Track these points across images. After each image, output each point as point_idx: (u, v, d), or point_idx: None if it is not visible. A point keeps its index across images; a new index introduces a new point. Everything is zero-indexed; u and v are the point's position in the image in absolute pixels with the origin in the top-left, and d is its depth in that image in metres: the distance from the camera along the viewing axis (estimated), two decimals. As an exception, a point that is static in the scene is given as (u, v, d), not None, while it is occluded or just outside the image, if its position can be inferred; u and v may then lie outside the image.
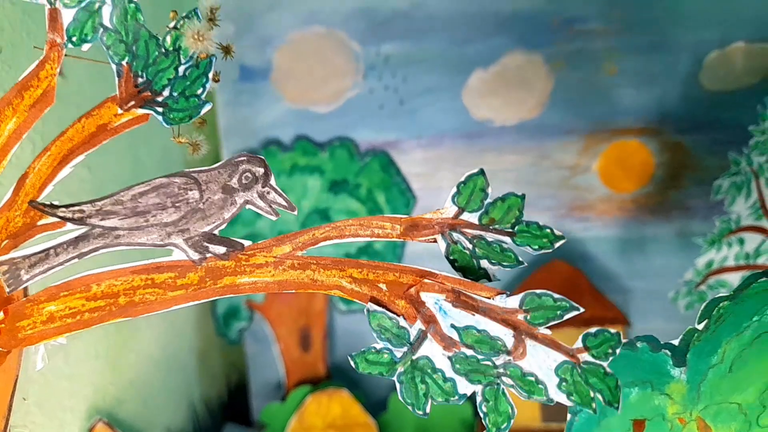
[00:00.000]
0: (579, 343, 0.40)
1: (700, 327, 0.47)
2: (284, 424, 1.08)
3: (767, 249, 0.90)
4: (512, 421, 0.41)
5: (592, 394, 0.40)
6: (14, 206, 0.44)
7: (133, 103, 0.42)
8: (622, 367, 0.47)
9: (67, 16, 0.41)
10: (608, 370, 0.40)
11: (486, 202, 0.42)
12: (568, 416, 0.50)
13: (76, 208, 0.42)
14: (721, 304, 0.47)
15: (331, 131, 1.13)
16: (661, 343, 0.48)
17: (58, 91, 0.43)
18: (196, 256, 0.43)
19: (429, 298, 0.42)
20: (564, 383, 0.40)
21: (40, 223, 0.44)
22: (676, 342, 0.48)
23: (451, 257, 0.43)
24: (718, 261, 0.97)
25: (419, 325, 0.42)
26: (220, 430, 1.18)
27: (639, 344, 0.48)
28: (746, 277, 0.47)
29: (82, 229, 0.43)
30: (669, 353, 0.48)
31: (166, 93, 0.42)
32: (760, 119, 0.89)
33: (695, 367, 0.48)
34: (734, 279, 0.95)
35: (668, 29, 1.02)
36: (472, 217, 0.42)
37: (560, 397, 0.41)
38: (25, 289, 0.47)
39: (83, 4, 0.40)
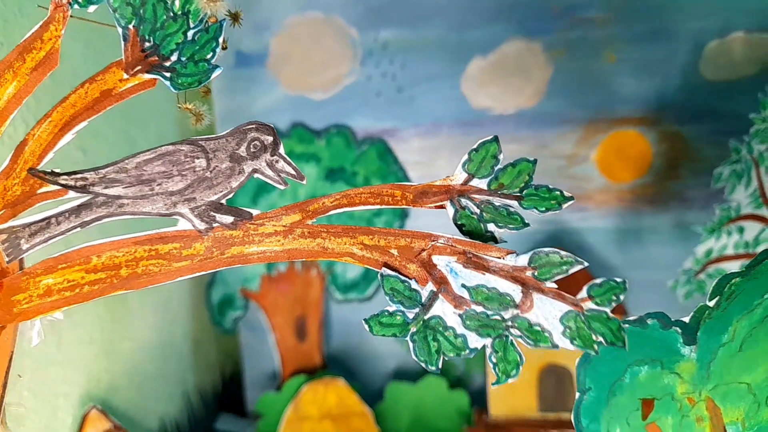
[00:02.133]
0: (583, 294, 0.43)
1: (711, 304, 0.47)
2: (279, 413, 1.07)
3: (767, 237, 0.90)
4: (521, 368, 0.43)
5: (594, 337, 0.42)
6: (12, 174, 0.42)
7: (139, 68, 0.41)
8: (632, 344, 0.47)
9: (74, -25, 0.40)
10: (611, 314, 0.42)
11: (496, 169, 0.43)
12: (576, 396, 0.49)
13: (79, 175, 0.41)
14: (732, 281, 0.46)
15: (328, 118, 1.12)
16: (672, 320, 0.47)
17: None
18: (202, 226, 0.42)
19: (440, 261, 0.43)
20: (568, 330, 0.43)
21: (40, 191, 0.42)
22: (686, 319, 0.47)
23: (459, 222, 0.44)
24: (717, 250, 0.97)
25: (431, 286, 0.43)
26: (215, 420, 1.16)
27: (649, 321, 0.47)
28: (759, 254, 0.46)
29: (85, 198, 0.42)
30: (679, 331, 0.47)
31: (174, 58, 0.41)
32: (760, 107, 0.89)
33: (705, 345, 0.47)
34: (734, 268, 0.95)
35: (668, 18, 1.02)
36: (481, 183, 0.44)
37: (564, 343, 0.43)
38: (21, 262, 0.46)
39: (90, -37, 0.39)
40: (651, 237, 1.07)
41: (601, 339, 0.42)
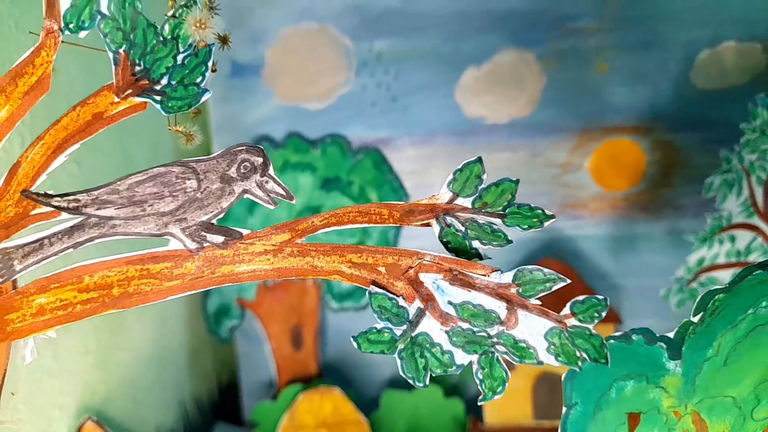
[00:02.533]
0: (567, 310, 0.44)
1: (696, 320, 0.47)
2: (275, 422, 1.07)
3: (758, 246, 0.91)
4: (506, 384, 0.44)
5: (578, 354, 0.43)
6: (6, 196, 0.43)
7: (130, 91, 0.42)
8: (618, 360, 0.47)
9: (65, 2, 0.40)
10: (593, 331, 0.43)
11: (480, 188, 0.44)
12: (563, 410, 0.50)
13: (72, 197, 0.41)
14: (716, 297, 0.47)
15: (323, 128, 1.13)
16: (657, 335, 0.48)
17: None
18: (193, 246, 0.43)
19: (427, 278, 0.44)
20: (552, 346, 0.44)
21: (33, 212, 0.43)
22: (671, 335, 0.48)
23: (445, 239, 0.45)
24: (709, 258, 0.98)
25: (418, 303, 0.44)
26: (211, 429, 1.17)
27: (634, 337, 0.48)
28: (742, 270, 0.47)
29: (77, 219, 0.42)
30: (664, 346, 0.48)
31: (164, 81, 0.42)
32: (750, 117, 0.90)
33: (690, 360, 0.48)
34: (725, 276, 0.95)
35: (660, 28, 1.02)
36: (465, 202, 0.45)
37: (549, 359, 0.44)
38: (14, 281, 0.46)
39: (81, -10, 0.40)
40: (644, 245, 1.08)
41: (584, 355, 0.43)
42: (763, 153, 0.90)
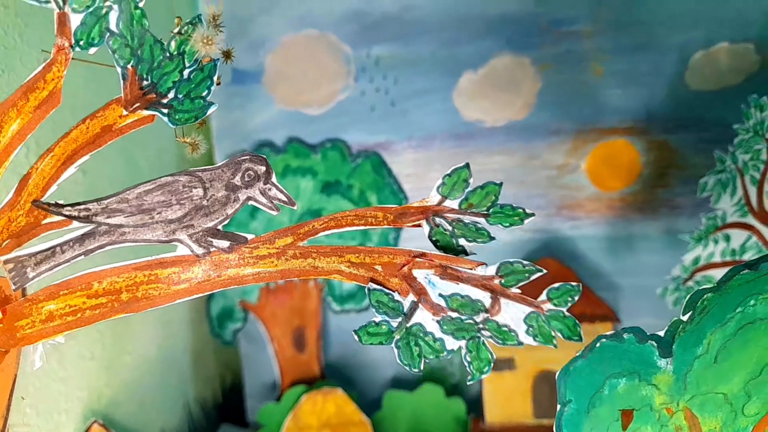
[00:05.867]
0: (543, 296, 0.49)
1: (685, 318, 0.49)
2: (279, 423, 1.09)
3: (753, 245, 0.92)
4: (492, 365, 0.49)
5: (553, 333, 0.48)
6: (17, 206, 0.45)
7: (138, 104, 0.43)
8: (610, 358, 0.49)
9: (75, 20, 0.42)
10: (567, 313, 0.49)
11: (467, 191, 0.48)
12: (558, 408, 0.51)
13: (82, 206, 0.43)
14: (705, 296, 0.48)
15: (323, 133, 1.14)
16: (648, 334, 0.49)
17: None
18: (200, 251, 0.44)
19: (420, 274, 0.48)
20: (531, 328, 0.49)
21: (45, 221, 0.44)
22: (662, 333, 0.49)
23: (434, 238, 0.49)
24: (704, 257, 0.99)
25: (412, 297, 0.48)
26: (216, 431, 1.18)
27: (626, 335, 0.49)
28: (729, 269, 0.48)
29: (88, 227, 0.44)
30: (655, 344, 0.49)
31: (171, 95, 0.44)
32: (744, 117, 0.91)
33: (681, 357, 0.49)
34: (721, 275, 0.96)
35: (654, 30, 1.04)
36: (453, 204, 0.49)
37: (528, 340, 0.49)
38: (24, 288, 0.48)
39: (91, 9, 0.42)
40: (640, 244, 1.09)
41: (559, 335, 0.48)
42: (756, 153, 0.91)
